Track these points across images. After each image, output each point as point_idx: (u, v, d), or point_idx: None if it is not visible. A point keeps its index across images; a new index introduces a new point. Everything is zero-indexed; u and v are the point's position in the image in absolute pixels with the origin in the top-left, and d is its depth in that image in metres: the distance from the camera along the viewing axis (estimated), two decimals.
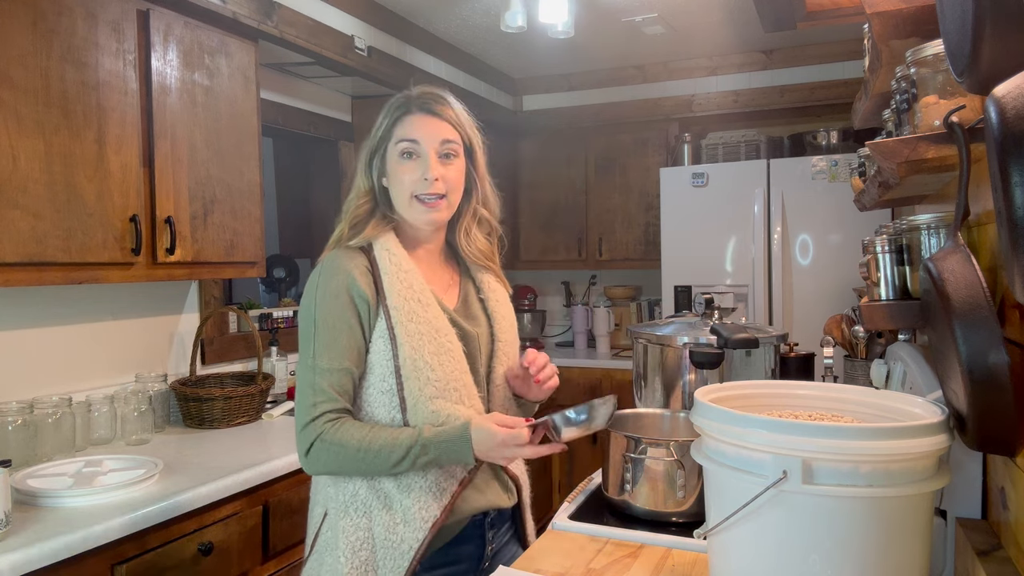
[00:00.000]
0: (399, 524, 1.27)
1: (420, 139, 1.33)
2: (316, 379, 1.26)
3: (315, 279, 1.31)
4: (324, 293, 1.29)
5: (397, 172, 1.34)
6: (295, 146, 3.74)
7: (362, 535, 1.28)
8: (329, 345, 1.27)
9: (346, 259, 1.31)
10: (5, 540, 1.41)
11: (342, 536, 1.28)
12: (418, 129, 1.33)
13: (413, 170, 1.33)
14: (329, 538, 1.30)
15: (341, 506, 1.30)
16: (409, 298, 1.29)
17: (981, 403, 0.78)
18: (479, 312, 1.43)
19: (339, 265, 1.30)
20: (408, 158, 1.33)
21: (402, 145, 1.33)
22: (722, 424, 0.91)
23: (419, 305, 1.30)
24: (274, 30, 2.49)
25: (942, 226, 1.19)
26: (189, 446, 2.14)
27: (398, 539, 1.27)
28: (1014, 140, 0.57)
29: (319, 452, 1.24)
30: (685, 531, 1.36)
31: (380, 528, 1.28)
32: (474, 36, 3.61)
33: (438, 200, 1.33)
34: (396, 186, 1.35)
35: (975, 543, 0.99)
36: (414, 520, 1.27)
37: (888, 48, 1.23)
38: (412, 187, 1.33)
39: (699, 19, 3.42)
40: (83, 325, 2.23)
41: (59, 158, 1.79)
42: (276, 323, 3.01)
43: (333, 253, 1.34)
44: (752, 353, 1.77)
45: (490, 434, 1.21)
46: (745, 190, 3.60)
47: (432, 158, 1.33)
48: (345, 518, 1.29)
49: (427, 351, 1.27)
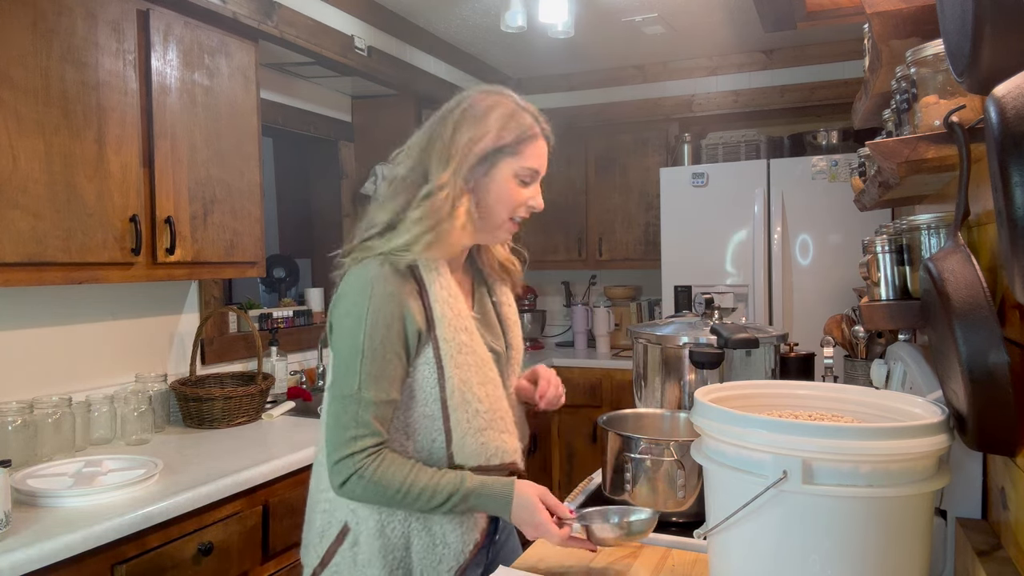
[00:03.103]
0: (439, 546, 1.25)
1: (541, 170, 1.30)
2: (360, 411, 1.18)
3: (363, 301, 1.20)
4: (376, 321, 1.19)
5: (510, 192, 1.27)
6: (295, 146, 3.74)
7: (399, 555, 1.24)
8: (378, 377, 1.19)
9: (398, 284, 1.21)
10: (5, 540, 1.41)
11: (376, 558, 1.23)
12: (541, 159, 1.30)
13: (524, 195, 1.29)
14: (352, 558, 1.25)
15: (373, 529, 1.24)
16: (459, 328, 1.25)
17: (981, 403, 0.78)
18: (494, 321, 1.40)
19: (392, 292, 1.20)
20: (526, 185, 1.29)
21: (526, 172, 1.27)
22: (722, 424, 0.91)
23: (467, 335, 1.25)
24: (274, 30, 2.49)
25: (942, 226, 1.19)
26: (189, 446, 2.14)
27: (437, 559, 1.24)
28: (1014, 140, 0.57)
29: (355, 486, 1.18)
30: (685, 531, 1.36)
31: (419, 550, 1.25)
32: (474, 36, 3.61)
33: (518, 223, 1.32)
34: (502, 203, 1.27)
35: (975, 543, 0.99)
36: (455, 543, 1.25)
37: (888, 48, 1.23)
38: (519, 212, 1.29)
39: (699, 19, 3.42)
40: (83, 325, 2.23)
41: (59, 158, 1.79)
42: (276, 323, 3.00)
43: (381, 273, 1.21)
44: (752, 353, 1.77)
45: (532, 511, 1.20)
46: (745, 190, 3.60)
47: (538, 188, 1.31)
48: (380, 539, 1.23)
49: (475, 383, 1.24)
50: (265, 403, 2.55)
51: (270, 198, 3.74)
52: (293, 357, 3.02)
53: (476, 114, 1.26)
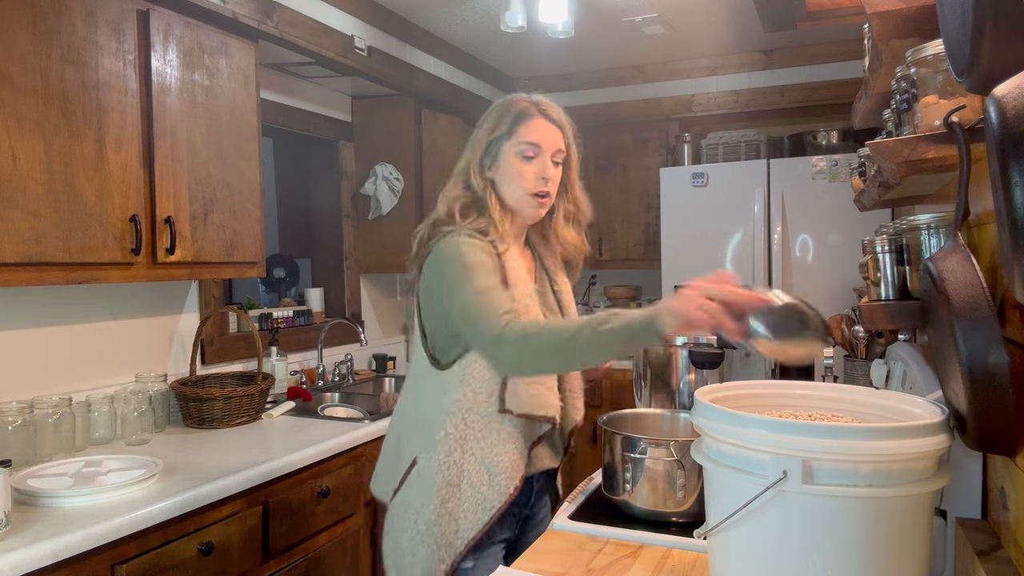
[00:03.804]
0: (485, 485, 1.43)
1: (542, 144, 1.49)
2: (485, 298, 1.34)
3: (456, 257, 1.40)
4: (471, 251, 1.39)
5: (518, 169, 1.48)
6: (295, 146, 3.74)
7: (452, 490, 1.43)
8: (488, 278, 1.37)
9: (481, 245, 1.42)
10: (5, 540, 1.41)
11: (434, 487, 1.43)
12: (540, 134, 1.49)
13: (533, 170, 1.48)
14: (418, 485, 1.46)
15: (437, 462, 1.44)
16: (525, 294, 1.44)
17: (981, 403, 0.78)
18: (553, 304, 1.58)
19: (480, 246, 1.42)
20: (529, 161, 1.48)
21: (525, 148, 1.48)
22: (722, 424, 0.91)
23: (530, 299, 1.44)
24: (274, 30, 2.49)
25: (942, 226, 1.19)
26: (189, 446, 2.14)
27: (482, 497, 1.43)
28: (1014, 140, 0.57)
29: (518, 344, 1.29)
30: (685, 531, 1.36)
31: (468, 486, 1.43)
32: (474, 36, 3.61)
33: (545, 199, 1.51)
34: (514, 180, 1.49)
35: (975, 543, 0.99)
36: (499, 484, 1.43)
37: (888, 48, 1.23)
38: (531, 186, 1.48)
39: (699, 19, 3.42)
40: (83, 325, 2.23)
41: (59, 158, 1.79)
42: (276, 323, 3.00)
43: (465, 239, 1.42)
44: (752, 353, 1.77)
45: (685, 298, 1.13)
46: (745, 190, 3.60)
47: (548, 162, 1.49)
48: (440, 472, 1.44)
49: None
50: (265, 403, 2.55)
51: (270, 198, 3.73)
52: (293, 357, 3.02)
53: (484, 116, 1.55)
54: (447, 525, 1.43)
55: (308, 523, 2.10)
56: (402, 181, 3.41)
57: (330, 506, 2.19)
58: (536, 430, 1.48)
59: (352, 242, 3.51)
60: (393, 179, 3.39)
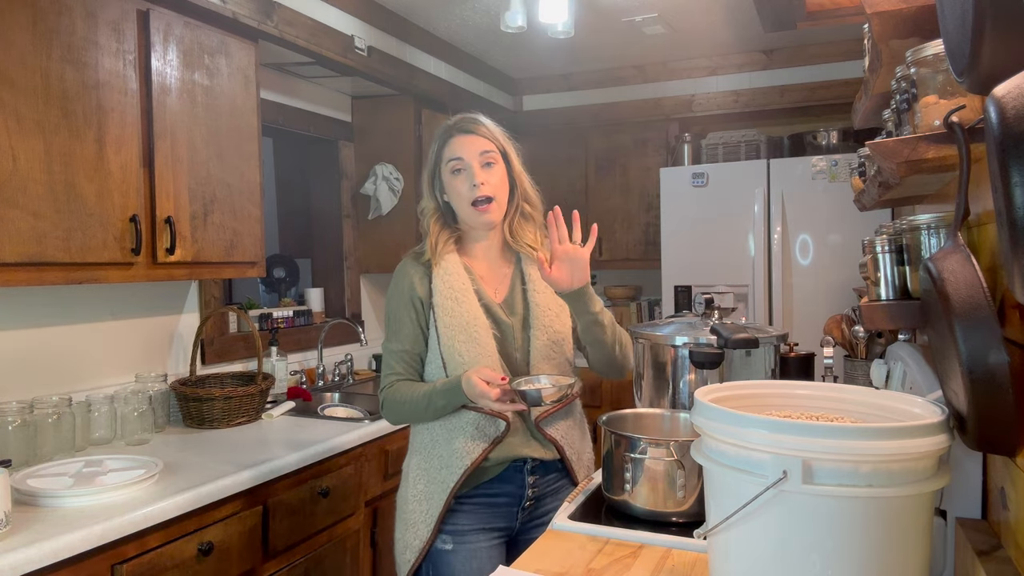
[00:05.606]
0: (442, 468, 1.59)
1: (464, 155, 1.61)
2: (386, 358, 1.66)
3: (392, 283, 1.68)
4: (392, 293, 1.67)
5: (453, 186, 1.63)
6: (295, 146, 3.74)
7: (421, 472, 1.62)
8: (396, 332, 1.65)
9: (410, 267, 1.66)
10: (5, 540, 1.41)
11: (412, 470, 1.65)
12: (460, 148, 1.62)
13: (464, 182, 1.61)
14: (406, 470, 1.69)
15: (414, 448, 1.67)
16: (448, 297, 1.60)
17: (981, 403, 0.78)
18: (519, 301, 1.67)
19: (404, 271, 1.66)
20: (458, 174, 1.62)
21: (451, 164, 1.62)
22: (722, 424, 0.91)
23: (455, 303, 1.60)
24: (274, 30, 2.49)
25: (942, 226, 1.19)
26: (189, 446, 2.14)
27: (441, 477, 1.59)
28: (1014, 140, 0.57)
29: (385, 406, 1.64)
30: (685, 531, 1.36)
31: (431, 467, 1.61)
32: (474, 36, 3.61)
33: (488, 204, 1.61)
34: (455, 198, 1.63)
35: (975, 543, 0.99)
36: (452, 465, 1.58)
37: (888, 48, 1.23)
38: (467, 196, 1.60)
39: (699, 19, 3.42)
40: (83, 325, 2.23)
41: (59, 158, 1.79)
42: (276, 323, 3.00)
43: (403, 261, 1.68)
44: (752, 353, 1.77)
45: (471, 385, 1.48)
46: (745, 190, 3.60)
47: (476, 168, 1.60)
48: (414, 457, 1.66)
49: (458, 340, 1.58)
50: (265, 403, 2.55)
51: (270, 198, 3.74)
52: (293, 357, 3.02)
53: None
54: (418, 506, 1.60)
55: (308, 523, 2.10)
56: (402, 181, 3.41)
57: (330, 506, 2.19)
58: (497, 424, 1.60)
59: (352, 242, 3.52)
60: (393, 179, 3.39)
